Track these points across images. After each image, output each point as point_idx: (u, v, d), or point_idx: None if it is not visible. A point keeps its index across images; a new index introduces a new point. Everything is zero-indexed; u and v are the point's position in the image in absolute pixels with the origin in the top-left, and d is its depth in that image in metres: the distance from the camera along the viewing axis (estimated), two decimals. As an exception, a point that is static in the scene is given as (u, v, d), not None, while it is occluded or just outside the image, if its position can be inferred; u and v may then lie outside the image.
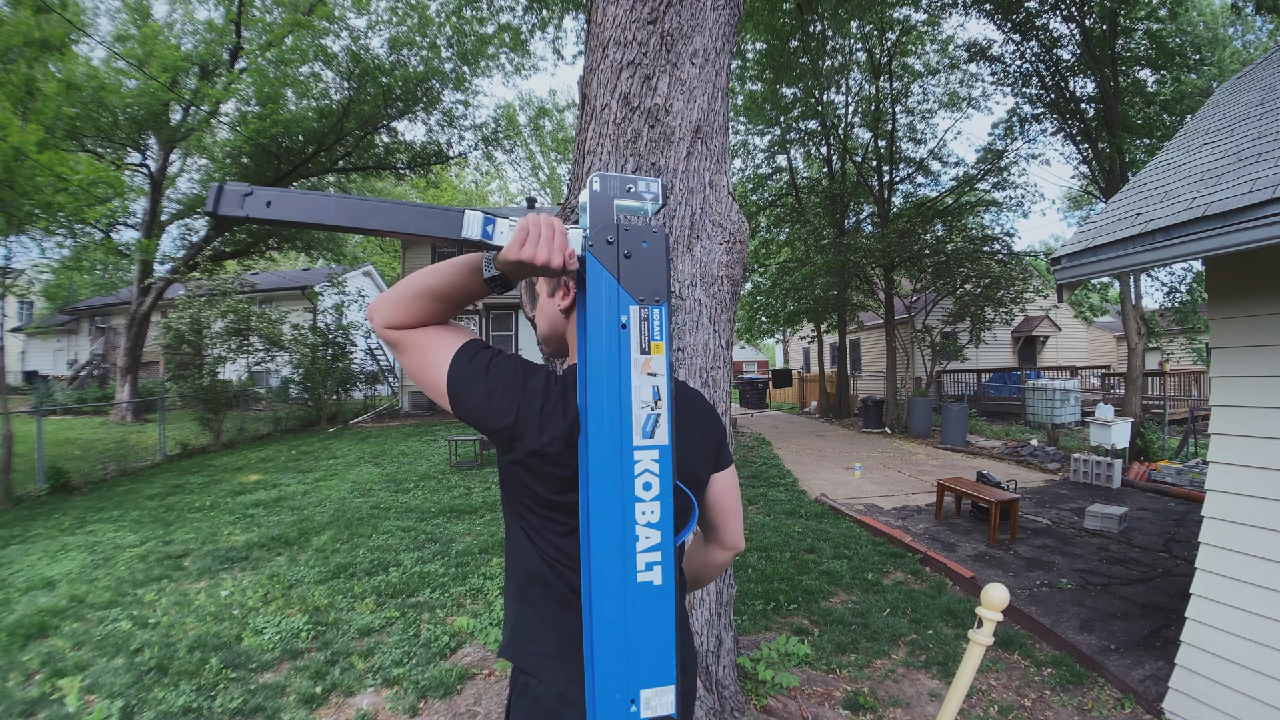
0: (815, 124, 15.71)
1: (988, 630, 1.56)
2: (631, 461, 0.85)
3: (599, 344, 0.84)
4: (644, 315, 0.85)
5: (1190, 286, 12.94)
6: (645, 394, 0.84)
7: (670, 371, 0.86)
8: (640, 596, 0.86)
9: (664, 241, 0.86)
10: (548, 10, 10.95)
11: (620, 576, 0.85)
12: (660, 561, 0.86)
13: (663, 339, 0.85)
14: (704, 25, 2.47)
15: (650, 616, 0.86)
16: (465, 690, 2.98)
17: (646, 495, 0.85)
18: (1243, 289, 2.62)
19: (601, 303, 0.85)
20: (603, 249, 0.85)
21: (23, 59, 9.70)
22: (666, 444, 0.85)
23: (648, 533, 0.85)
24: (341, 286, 17.10)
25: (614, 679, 0.86)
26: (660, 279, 0.85)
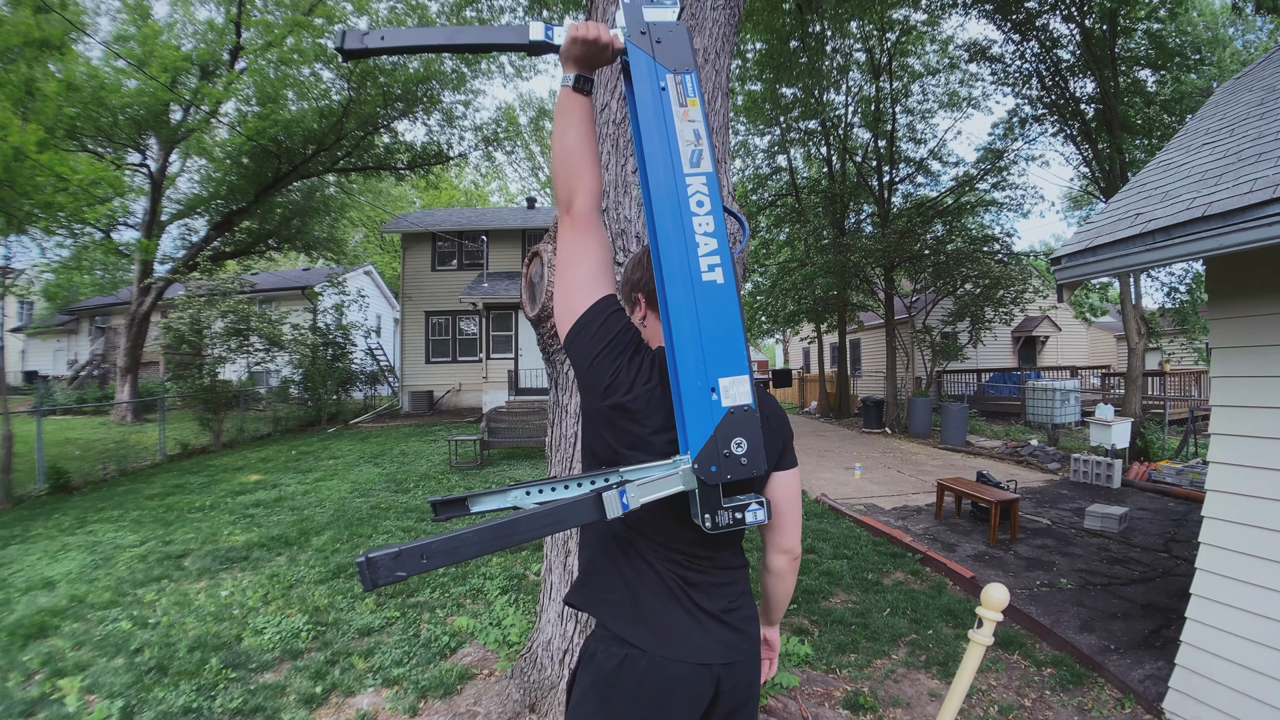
0: (815, 124, 15.72)
1: (988, 630, 1.56)
2: (684, 185, 1.03)
3: (646, 107, 1.06)
4: (678, 81, 1.07)
5: (1190, 286, 12.95)
6: (688, 135, 1.05)
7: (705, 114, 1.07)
8: (707, 292, 1.00)
9: (685, 31, 1.09)
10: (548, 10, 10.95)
11: (688, 276, 1.01)
12: (720, 264, 1.01)
13: (695, 95, 1.07)
14: (704, 25, 2.47)
15: (718, 310, 1.00)
16: (465, 690, 2.98)
17: (700, 210, 1.02)
18: (1243, 289, 2.62)
19: (644, 78, 1.07)
20: (638, 39, 1.08)
21: (23, 59, 9.70)
22: (711, 170, 1.04)
23: (706, 240, 1.01)
24: (341, 286, 17.11)
25: (694, 370, 0.99)
26: (686, 55, 1.07)
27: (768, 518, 1.03)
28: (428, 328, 17.95)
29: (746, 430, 0.98)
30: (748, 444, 0.98)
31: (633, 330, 1.11)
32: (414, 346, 17.92)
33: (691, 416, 0.98)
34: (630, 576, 1.11)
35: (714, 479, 0.98)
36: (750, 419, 0.98)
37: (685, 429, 0.98)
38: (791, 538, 1.23)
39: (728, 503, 1.01)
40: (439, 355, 18.00)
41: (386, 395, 20.42)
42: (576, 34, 1.06)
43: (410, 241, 18.15)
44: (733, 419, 0.98)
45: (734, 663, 1.10)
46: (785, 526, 1.22)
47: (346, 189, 20.05)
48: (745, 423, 0.98)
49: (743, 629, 1.13)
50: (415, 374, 17.78)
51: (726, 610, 1.12)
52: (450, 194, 31.31)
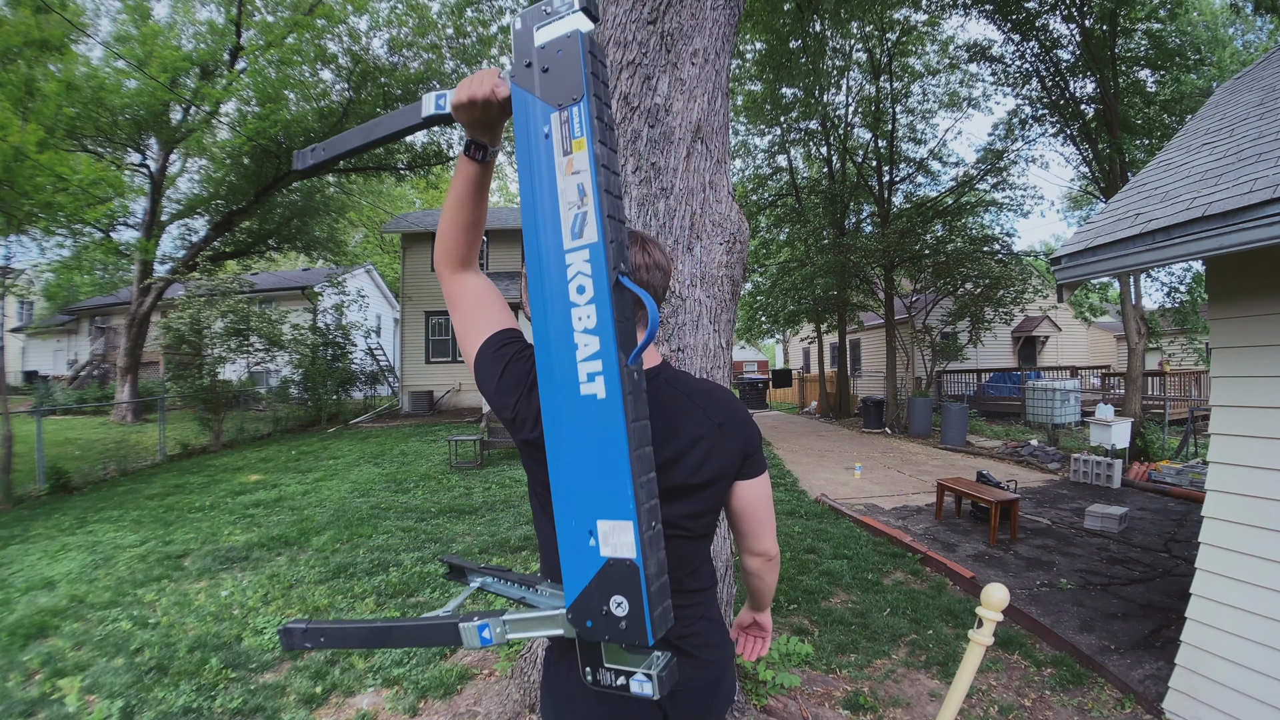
0: (815, 124, 15.71)
1: (988, 630, 1.56)
2: (563, 266, 0.82)
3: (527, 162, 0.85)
4: (564, 118, 0.82)
5: (1190, 286, 12.95)
6: (571, 195, 0.82)
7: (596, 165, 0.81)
8: (584, 413, 0.81)
9: (579, 42, 0.81)
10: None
11: (562, 393, 0.83)
12: (602, 371, 0.80)
13: (583, 134, 0.81)
14: (704, 25, 2.47)
15: (598, 434, 0.81)
16: (465, 690, 2.98)
17: (581, 299, 0.81)
18: (1243, 289, 2.62)
19: (526, 124, 0.85)
20: (523, 74, 0.85)
21: (22, 59, 9.70)
22: (597, 242, 0.80)
23: (586, 340, 0.81)
24: (341, 286, 17.11)
25: (569, 505, 0.84)
26: (575, 79, 0.81)
27: (657, 693, 0.85)
28: (428, 328, 17.96)
29: (628, 589, 0.81)
30: (629, 606, 0.81)
31: (524, 362, 1.05)
32: (414, 346, 17.92)
33: (566, 558, 0.85)
34: None
35: (590, 636, 0.86)
36: (632, 577, 0.81)
37: (563, 570, 0.86)
38: (762, 542, 1.20)
39: (612, 662, 0.88)
40: (439, 355, 18.00)
41: (386, 395, 20.41)
42: (455, 98, 0.95)
43: (410, 241, 18.16)
44: (612, 573, 0.82)
45: (681, 691, 1.06)
46: (754, 533, 1.18)
47: (346, 189, 20.05)
48: (627, 580, 0.81)
49: (696, 655, 1.09)
50: (415, 374, 17.79)
51: (680, 637, 1.07)
52: (450, 194, 31.27)
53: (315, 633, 0.99)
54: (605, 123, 0.84)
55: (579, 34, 0.81)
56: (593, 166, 0.81)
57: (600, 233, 0.80)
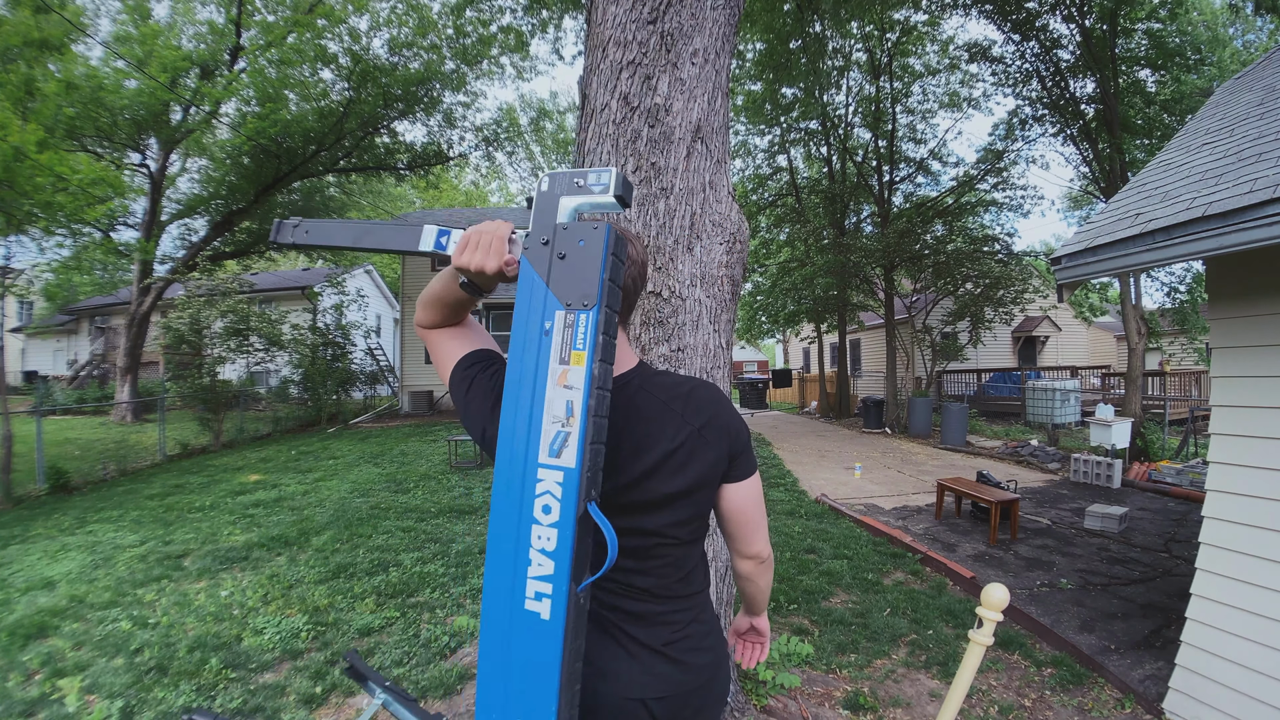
0: (815, 124, 15.71)
1: (988, 630, 1.56)
2: (534, 480, 0.78)
3: (519, 352, 0.80)
4: (569, 321, 0.78)
5: (1190, 286, 12.95)
6: (558, 408, 0.77)
7: (591, 387, 0.78)
8: (524, 626, 0.79)
9: (605, 238, 0.78)
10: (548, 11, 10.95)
11: (507, 600, 0.79)
12: (550, 594, 0.78)
13: (585, 349, 0.77)
14: (704, 25, 2.47)
15: (533, 651, 0.78)
16: (465, 690, 2.98)
17: (545, 519, 0.78)
18: (1243, 289, 2.62)
19: (527, 308, 0.80)
20: (537, 251, 0.80)
21: (22, 59, 9.70)
22: (574, 468, 0.77)
23: (540, 559, 0.78)
24: (340, 287, 17.11)
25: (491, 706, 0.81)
26: (592, 280, 0.77)
27: None
28: (428, 328, 17.95)
29: None
30: None
31: (492, 380, 1.05)
32: (414, 346, 17.92)
33: None
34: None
35: None
36: None
37: None
38: (753, 545, 1.16)
39: None
40: (439, 355, 18.00)
41: (386, 395, 20.41)
42: (457, 260, 0.91)
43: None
44: None
45: (669, 696, 1.04)
46: (744, 536, 1.15)
47: (347, 189, 20.05)
48: None
49: (685, 660, 1.07)
50: (415, 374, 17.79)
51: (668, 643, 1.06)
52: (450, 195, 31.30)
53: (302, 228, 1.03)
54: (610, 336, 0.79)
55: (606, 230, 0.78)
56: (587, 388, 0.77)
57: (579, 460, 0.77)
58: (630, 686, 1.03)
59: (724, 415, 1.07)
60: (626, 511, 1.01)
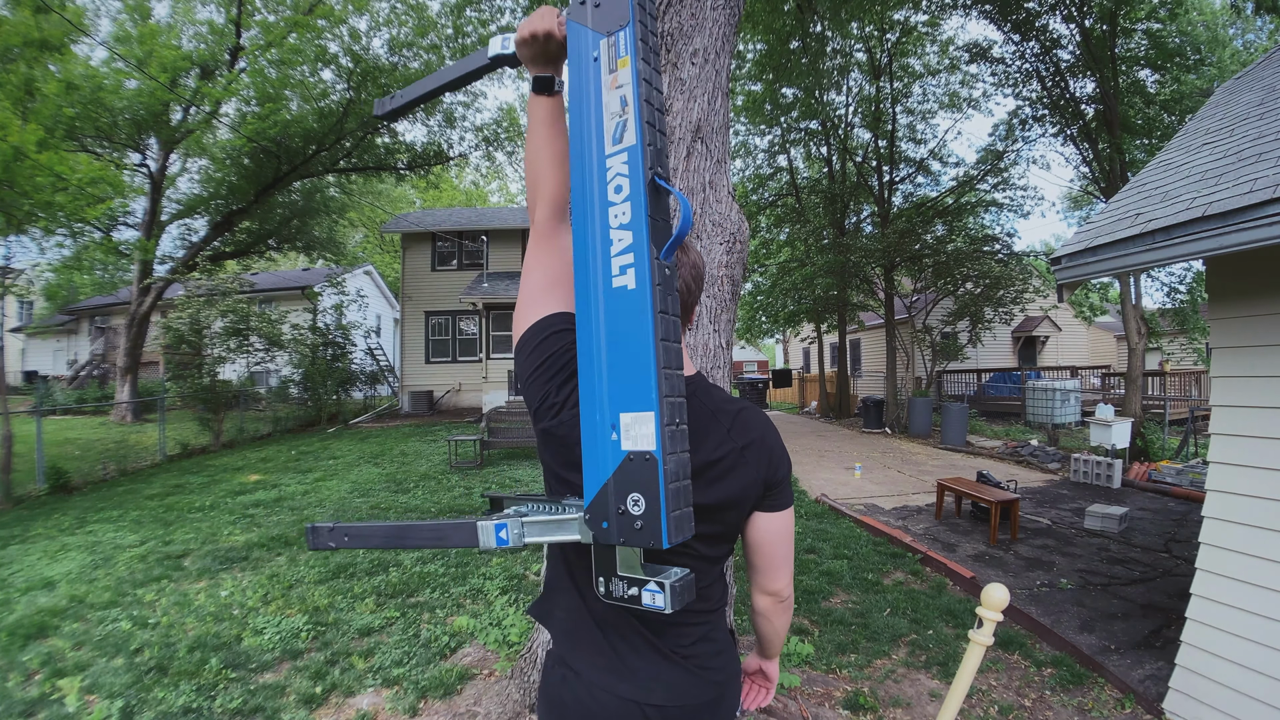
0: (815, 124, 15.72)
1: (988, 630, 1.56)
2: (604, 168, 0.87)
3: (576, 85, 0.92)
4: (610, 43, 0.89)
5: (1190, 286, 12.95)
6: (614, 105, 0.87)
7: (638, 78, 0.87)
8: (615, 300, 0.84)
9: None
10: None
11: (596, 280, 0.86)
12: (634, 264, 0.83)
13: (628, 54, 0.87)
14: (704, 25, 2.47)
15: (626, 324, 0.83)
16: (465, 690, 2.98)
17: (618, 198, 0.85)
18: (1243, 289, 2.62)
19: (580, 55, 0.92)
20: (577, 10, 0.93)
21: (22, 59, 9.70)
22: (635, 144, 0.85)
23: (620, 235, 0.84)
24: (341, 287, 17.11)
25: (594, 400, 0.85)
26: (623, 8, 0.88)
27: (669, 605, 0.83)
28: (428, 328, 17.96)
29: (645, 486, 0.79)
30: (645, 504, 0.79)
31: (566, 353, 1.03)
32: (414, 346, 17.93)
33: (589, 457, 0.85)
34: (584, 595, 1.06)
35: (604, 538, 0.84)
36: (650, 472, 0.79)
37: (584, 470, 0.86)
38: (775, 581, 1.12)
39: (625, 571, 0.87)
40: (439, 355, 18.01)
41: (386, 395, 20.41)
42: (517, 37, 1.04)
43: (410, 241, 18.16)
44: (631, 467, 0.81)
45: (666, 706, 1.01)
46: (768, 569, 1.11)
47: (347, 189, 20.06)
48: (645, 476, 0.80)
49: (689, 674, 1.03)
50: (415, 374, 17.79)
51: (673, 652, 1.03)
52: (450, 194, 31.31)
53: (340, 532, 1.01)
54: (649, 46, 0.90)
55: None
56: (635, 79, 0.87)
57: (639, 135, 0.85)
58: (630, 687, 1.01)
59: (769, 440, 1.06)
60: None
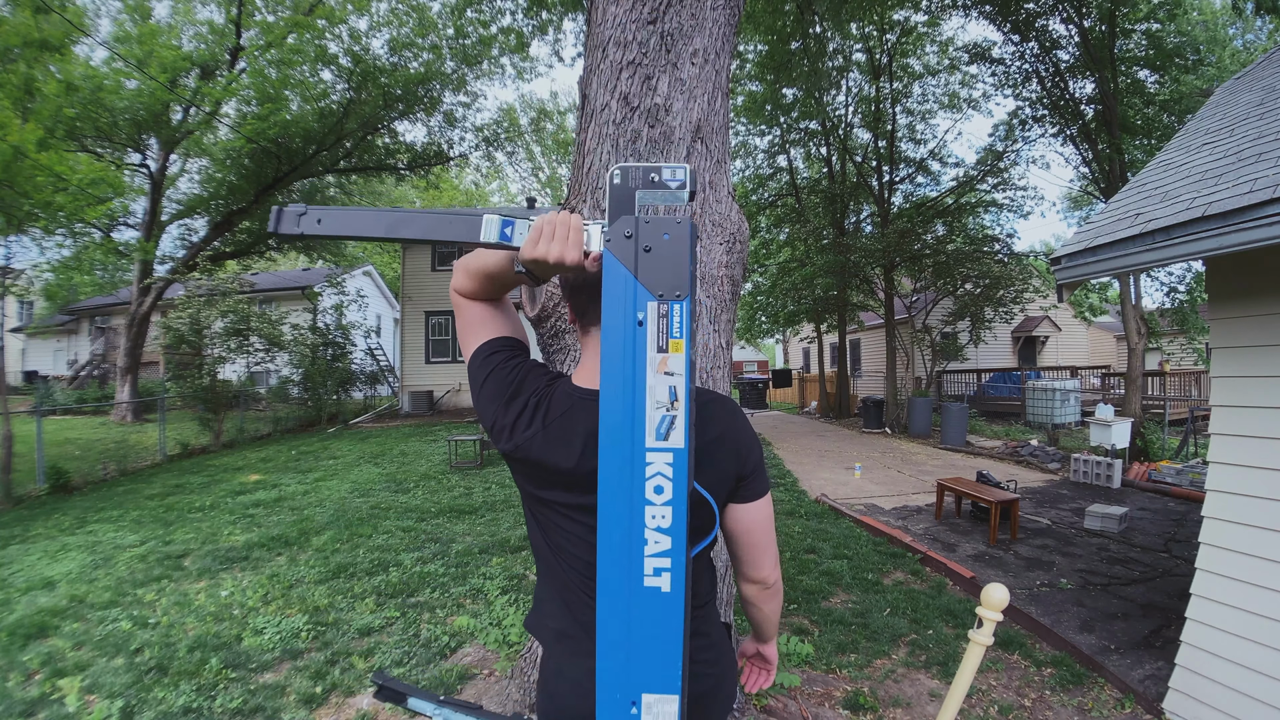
0: (815, 124, 15.72)
1: (988, 630, 1.56)
2: (643, 463, 0.82)
3: (614, 342, 0.83)
4: (663, 311, 0.81)
5: (1190, 286, 12.95)
6: (661, 394, 0.81)
7: (691, 371, 0.82)
8: (646, 601, 0.84)
9: (689, 233, 0.81)
10: (548, 12, 10.94)
11: (626, 579, 0.84)
12: (670, 568, 0.83)
13: (683, 336, 0.81)
14: (704, 25, 2.47)
15: (656, 622, 0.84)
16: (465, 690, 2.98)
17: (658, 499, 0.82)
18: (1243, 289, 2.62)
19: (618, 300, 0.83)
20: (620, 244, 0.83)
21: (22, 59, 9.71)
22: (682, 447, 0.82)
23: (657, 537, 0.83)
24: (340, 287, 17.12)
25: (615, 679, 0.85)
26: (682, 273, 0.81)
27: None
28: (428, 328, 17.96)
29: None
30: None
31: (509, 370, 1.04)
32: (414, 346, 17.93)
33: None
34: (572, 608, 1.07)
35: None
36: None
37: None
38: (759, 570, 1.12)
39: None
40: (439, 355, 18.01)
41: (386, 395, 20.41)
42: (532, 253, 0.88)
43: (410, 242, 18.14)
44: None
45: None
46: (749, 559, 1.11)
47: (347, 190, 20.06)
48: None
49: (688, 668, 1.05)
50: (415, 374, 17.79)
51: None
52: (450, 195, 31.30)
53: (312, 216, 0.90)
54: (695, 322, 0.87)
55: (689, 226, 0.81)
56: (688, 372, 0.81)
57: (686, 439, 0.82)
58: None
59: (734, 433, 1.05)
60: None
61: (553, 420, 0.99)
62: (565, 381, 1.05)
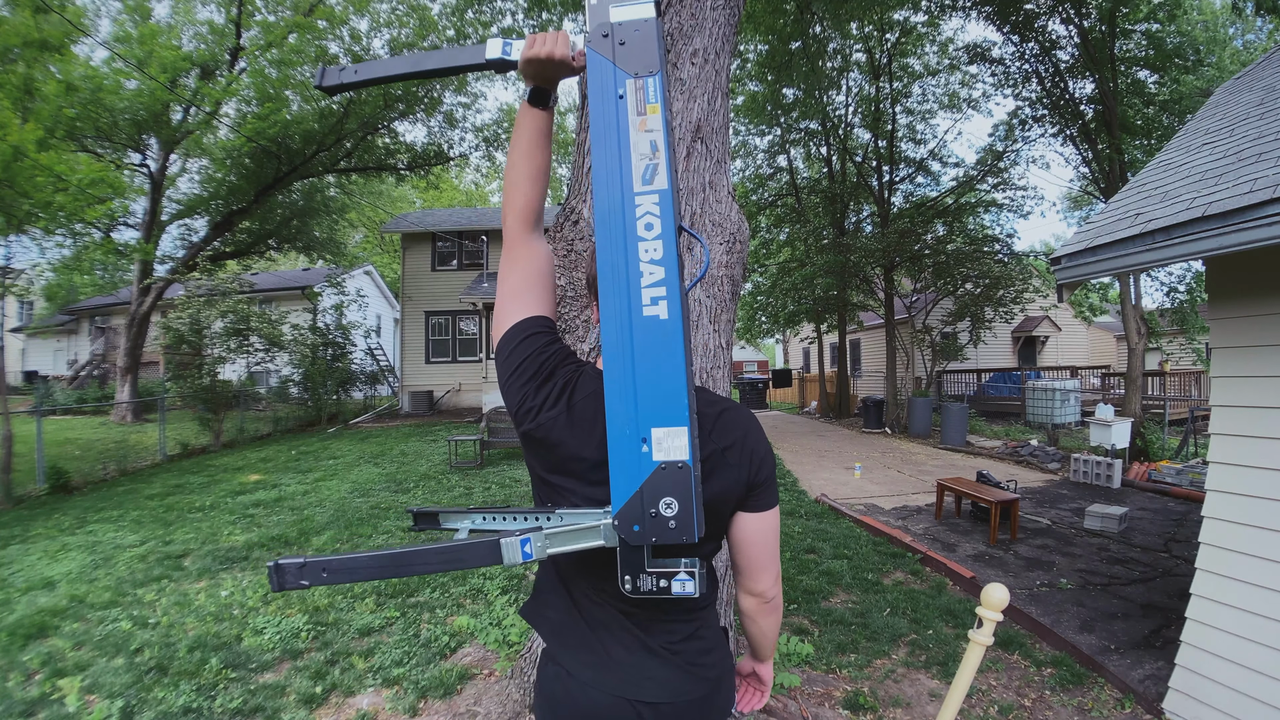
0: (815, 124, 15.72)
1: (988, 630, 1.56)
2: (634, 205, 0.91)
3: (600, 119, 0.94)
4: (639, 85, 0.93)
5: (1190, 286, 12.95)
6: (643, 147, 0.92)
7: (667, 125, 0.92)
8: (646, 329, 0.89)
9: (655, 26, 0.95)
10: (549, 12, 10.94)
11: (626, 310, 0.90)
12: (665, 296, 0.89)
13: (657, 101, 0.92)
14: (704, 25, 2.47)
15: (657, 350, 0.89)
16: (465, 690, 2.98)
17: (649, 235, 0.91)
18: (1243, 289, 2.62)
19: (600, 86, 0.95)
20: (599, 42, 0.96)
21: (22, 59, 9.71)
22: (666, 188, 0.91)
23: (652, 269, 0.90)
24: (340, 287, 17.12)
25: (624, 416, 0.89)
26: (652, 54, 0.94)
27: (699, 590, 0.89)
28: (428, 328, 17.96)
29: (678, 490, 0.87)
30: (678, 506, 0.87)
31: (548, 355, 1.05)
32: (414, 346, 17.93)
33: (617, 468, 0.89)
34: (574, 595, 1.07)
35: (636, 539, 0.89)
36: (683, 478, 0.87)
37: (611, 480, 0.90)
38: (759, 582, 1.10)
39: (653, 566, 0.91)
40: (439, 355, 18.01)
41: (386, 395, 20.41)
42: (528, 53, 1.01)
43: (410, 241, 18.16)
44: (663, 475, 0.87)
45: (659, 704, 1.02)
46: (750, 570, 1.10)
47: (347, 190, 20.06)
48: (677, 481, 0.87)
49: (679, 672, 1.04)
50: (415, 374, 17.79)
51: (664, 649, 1.04)
52: (451, 194, 31.29)
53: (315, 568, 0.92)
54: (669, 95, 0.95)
55: (654, 20, 0.96)
56: (664, 127, 0.93)
57: (669, 181, 0.92)
58: (623, 684, 1.02)
59: (751, 441, 1.06)
60: None
61: (577, 402, 1.01)
62: (591, 366, 1.07)
